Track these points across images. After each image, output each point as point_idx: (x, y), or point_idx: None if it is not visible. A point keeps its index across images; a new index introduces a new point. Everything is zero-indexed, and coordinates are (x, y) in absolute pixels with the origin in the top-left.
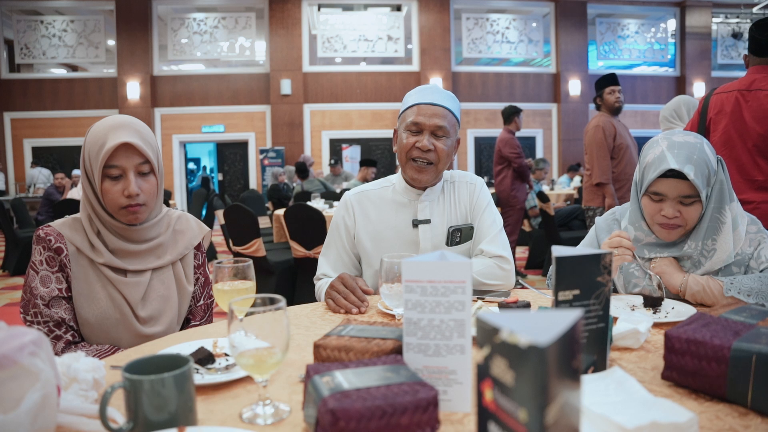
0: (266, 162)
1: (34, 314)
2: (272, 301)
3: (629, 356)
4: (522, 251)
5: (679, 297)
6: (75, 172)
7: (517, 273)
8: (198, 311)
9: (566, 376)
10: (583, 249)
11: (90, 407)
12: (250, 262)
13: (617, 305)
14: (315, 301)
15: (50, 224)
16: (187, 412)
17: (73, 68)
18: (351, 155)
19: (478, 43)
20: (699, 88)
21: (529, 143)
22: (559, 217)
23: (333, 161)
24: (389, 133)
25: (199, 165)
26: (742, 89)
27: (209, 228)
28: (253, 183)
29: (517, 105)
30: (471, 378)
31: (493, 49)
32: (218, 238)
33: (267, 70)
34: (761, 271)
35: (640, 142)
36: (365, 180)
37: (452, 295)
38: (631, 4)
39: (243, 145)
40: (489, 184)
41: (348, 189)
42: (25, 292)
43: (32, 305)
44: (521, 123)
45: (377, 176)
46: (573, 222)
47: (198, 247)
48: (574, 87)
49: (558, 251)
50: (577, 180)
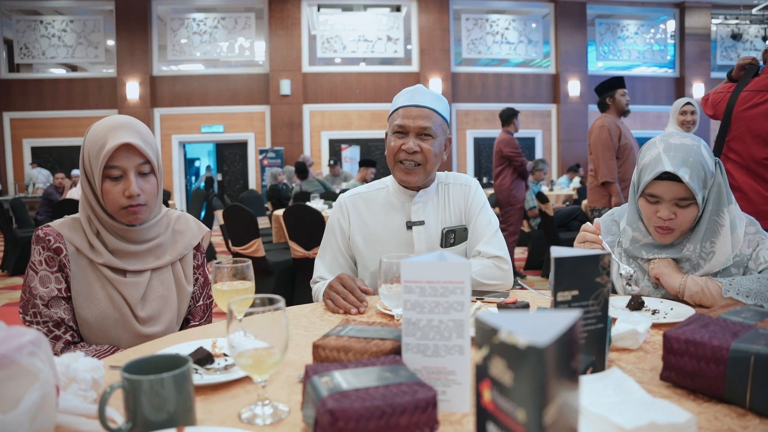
0: (265, 162)
1: (34, 314)
2: (271, 302)
3: (628, 357)
4: (521, 252)
5: (678, 298)
6: (74, 172)
7: (516, 274)
8: (197, 311)
9: (565, 377)
10: (582, 250)
11: (89, 407)
12: (249, 263)
13: (616, 306)
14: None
15: (49, 224)
16: (186, 413)
17: (73, 68)
18: (350, 156)
19: (478, 44)
20: (698, 89)
21: (529, 144)
22: (559, 218)
23: (332, 162)
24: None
25: (201, 166)
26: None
27: (208, 228)
28: (253, 183)
29: (517, 106)
30: (470, 378)
31: (493, 50)
32: (217, 239)
33: (266, 71)
34: (760, 272)
35: (640, 143)
36: (364, 180)
37: (451, 296)
38: (631, 5)
39: (242, 146)
40: (488, 185)
41: (347, 189)
42: (24, 292)
43: (31, 305)
44: (519, 124)
45: (376, 176)
46: (572, 223)
47: (197, 248)
48: (574, 88)
49: (557, 252)
50: (577, 181)
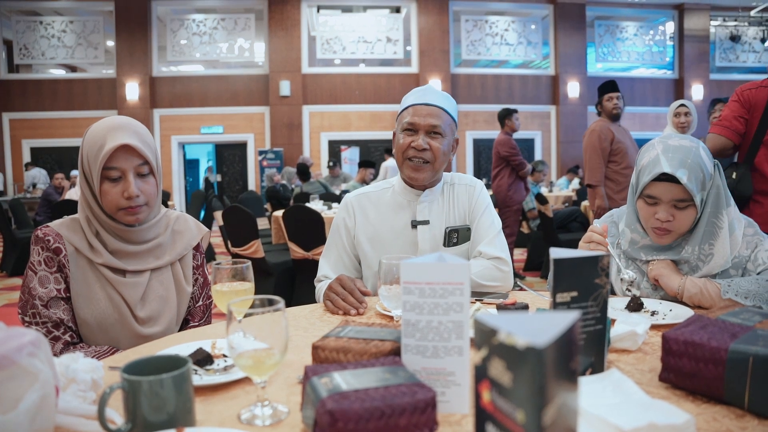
0: (265, 163)
1: (33, 315)
2: (271, 303)
3: (627, 358)
4: (520, 253)
5: (677, 299)
6: (74, 173)
7: (516, 275)
8: (197, 312)
9: (564, 378)
10: (581, 251)
11: (88, 408)
12: (249, 264)
13: (615, 307)
14: (314, 303)
15: (49, 225)
16: (186, 413)
17: (72, 69)
18: (350, 157)
19: (477, 45)
20: (697, 91)
21: (528, 145)
22: (558, 219)
23: (331, 163)
24: (388, 135)
25: (202, 167)
26: None
27: (207, 228)
28: (252, 184)
29: (516, 107)
30: (469, 379)
31: (492, 51)
32: (217, 240)
33: (266, 72)
34: (758, 274)
35: (639, 145)
36: (363, 181)
37: (450, 297)
38: (630, 7)
39: (242, 147)
40: (487, 186)
41: (347, 190)
42: (23, 293)
43: (30, 306)
44: (518, 124)
45: (375, 177)
46: (571, 224)
47: (197, 248)
48: (573, 89)
49: (556, 253)
50: (576, 182)
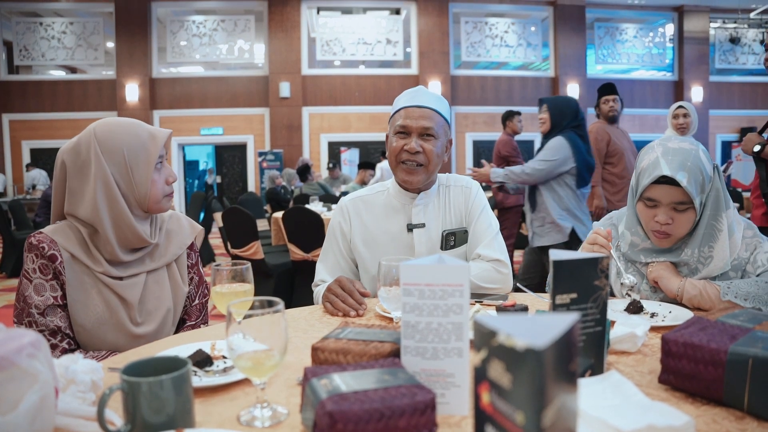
0: (265, 165)
1: (29, 323)
2: (270, 304)
3: (626, 360)
4: (520, 255)
5: (676, 301)
6: None
7: (515, 276)
8: (193, 311)
9: (563, 380)
10: (581, 253)
11: (88, 409)
12: (249, 265)
13: (615, 309)
14: (313, 304)
15: (42, 231)
16: (185, 415)
17: (72, 70)
18: (349, 158)
19: (477, 47)
20: (697, 93)
21: (528, 147)
22: None
23: (331, 165)
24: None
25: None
26: None
27: (201, 227)
28: (252, 185)
29: (516, 109)
30: (469, 381)
31: (492, 53)
32: (216, 241)
33: (266, 73)
34: (758, 276)
35: (639, 146)
36: (363, 183)
37: (450, 299)
38: (630, 9)
39: (242, 148)
40: (488, 188)
41: (346, 192)
42: (18, 301)
43: (26, 314)
44: (521, 126)
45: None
46: None
47: (191, 247)
48: (573, 91)
49: (556, 255)
50: None
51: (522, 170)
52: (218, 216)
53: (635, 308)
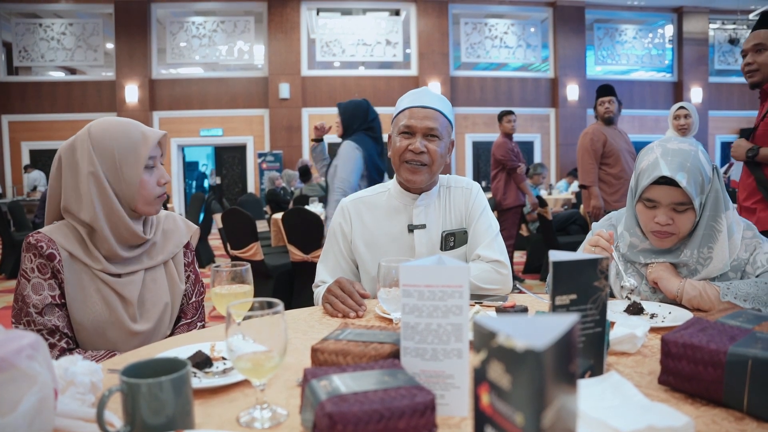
0: (264, 166)
1: (27, 323)
2: (270, 305)
3: (626, 361)
4: (520, 256)
5: (676, 302)
6: None
7: (515, 278)
8: (189, 309)
9: (563, 381)
10: (581, 254)
11: (87, 411)
12: (248, 266)
13: (614, 310)
14: (313, 305)
15: (40, 230)
16: (185, 416)
17: (72, 71)
18: None
19: (477, 48)
20: (696, 94)
21: (527, 148)
22: (557, 222)
23: None
24: (387, 137)
25: (198, 169)
26: None
27: (196, 226)
28: (252, 187)
29: (515, 110)
30: (468, 382)
31: (492, 54)
32: (216, 242)
33: (265, 74)
34: (757, 276)
35: (638, 147)
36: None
37: (450, 300)
38: (629, 10)
39: (241, 149)
40: (487, 189)
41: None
42: (17, 301)
43: (25, 314)
44: (514, 126)
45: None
46: (571, 226)
47: (187, 245)
48: (572, 92)
49: (555, 256)
50: (575, 185)
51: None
52: (218, 217)
53: (635, 309)
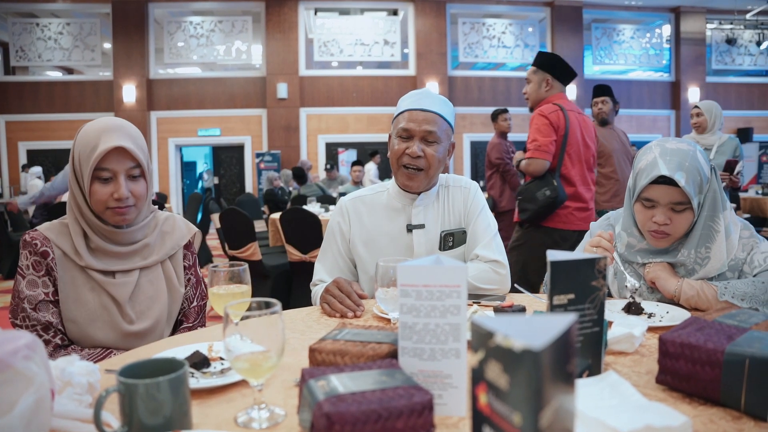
0: (262, 166)
1: (23, 318)
2: (268, 305)
3: (624, 360)
4: None
5: (674, 301)
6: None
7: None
8: (191, 313)
9: (561, 380)
10: (578, 253)
11: (84, 411)
12: (246, 266)
13: (612, 309)
14: (311, 305)
15: (36, 228)
16: (182, 416)
17: (69, 71)
18: (347, 159)
19: (475, 48)
20: (694, 94)
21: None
22: None
23: (329, 166)
24: (385, 137)
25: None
26: (574, 111)
27: (198, 229)
28: (249, 187)
29: (513, 110)
30: (466, 382)
31: (489, 54)
32: (214, 242)
33: (263, 74)
34: (754, 276)
35: (637, 147)
36: (356, 183)
37: (447, 299)
38: (627, 10)
39: (239, 149)
40: (484, 189)
41: (344, 193)
42: (14, 297)
43: (20, 309)
44: (510, 124)
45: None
46: None
47: (188, 247)
48: (570, 92)
49: (553, 255)
50: None
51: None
52: (216, 217)
53: (635, 311)
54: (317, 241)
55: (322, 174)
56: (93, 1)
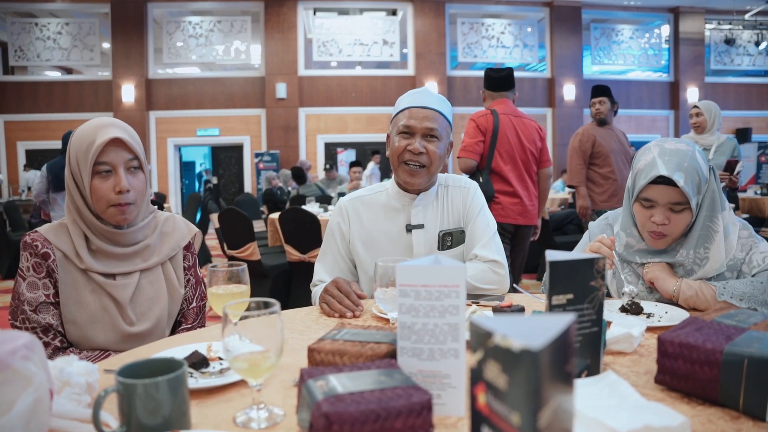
0: (261, 165)
1: (22, 320)
2: (267, 305)
3: (623, 360)
4: None
5: (673, 301)
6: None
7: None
8: (190, 314)
9: (559, 380)
10: (577, 253)
11: (83, 411)
12: (245, 266)
13: (611, 309)
14: (310, 305)
15: (37, 230)
16: (181, 416)
17: (68, 71)
18: (346, 159)
19: (473, 48)
20: (692, 94)
21: None
22: (554, 222)
23: (328, 166)
24: (384, 137)
25: (194, 169)
26: (510, 114)
27: (198, 229)
28: (248, 187)
29: None
30: (465, 382)
31: (488, 54)
32: (213, 242)
33: (262, 74)
34: (753, 276)
35: (636, 147)
36: (355, 186)
37: (446, 299)
38: (625, 10)
39: (238, 149)
40: None
41: (342, 193)
42: (13, 299)
43: (20, 311)
44: None
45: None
46: (568, 226)
47: (188, 248)
48: (569, 92)
49: (552, 255)
50: None
51: None
52: (214, 217)
53: (636, 309)
54: (316, 241)
55: (321, 174)
56: (92, 1)
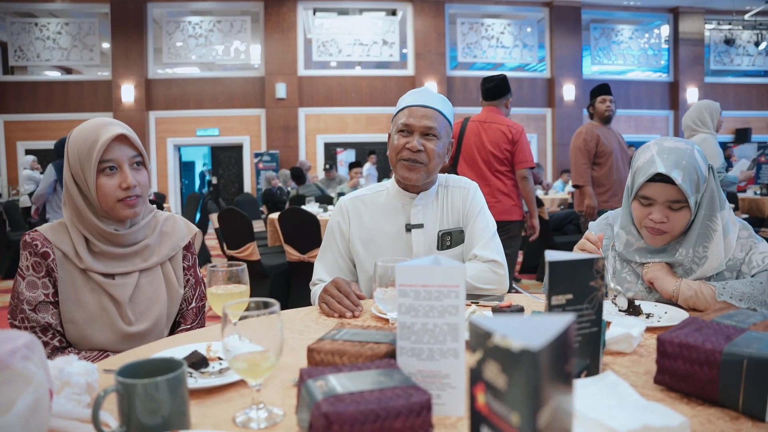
0: (261, 166)
1: (21, 319)
2: (266, 305)
3: (622, 360)
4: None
5: (672, 302)
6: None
7: (511, 277)
8: (189, 314)
9: (559, 380)
10: (577, 254)
11: (82, 411)
12: (244, 266)
13: (610, 310)
14: (309, 305)
15: (36, 229)
16: (181, 416)
17: (68, 71)
18: (346, 159)
19: (473, 48)
20: (692, 94)
21: None
22: (554, 222)
23: (327, 166)
24: (384, 137)
25: (194, 169)
26: (481, 121)
27: (198, 229)
28: (248, 187)
29: (512, 110)
30: (464, 382)
31: (488, 54)
32: (212, 242)
33: (262, 74)
34: (753, 276)
35: (635, 147)
36: (355, 186)
37: (446, 299)
38: (625, 10)
39: (238, 149)
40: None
41: (342, 193)
42: (13, 298)
43: (19, 310)
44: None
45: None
46: (567, 226)
47: (188, 248)
48: (569, 92)
49: (551, 255)
50: (572, 184)
51: None
52: (214, 217)
53: (635, 310)
54: (316, 241)
55: (321, 174)
56: (91, 1)
